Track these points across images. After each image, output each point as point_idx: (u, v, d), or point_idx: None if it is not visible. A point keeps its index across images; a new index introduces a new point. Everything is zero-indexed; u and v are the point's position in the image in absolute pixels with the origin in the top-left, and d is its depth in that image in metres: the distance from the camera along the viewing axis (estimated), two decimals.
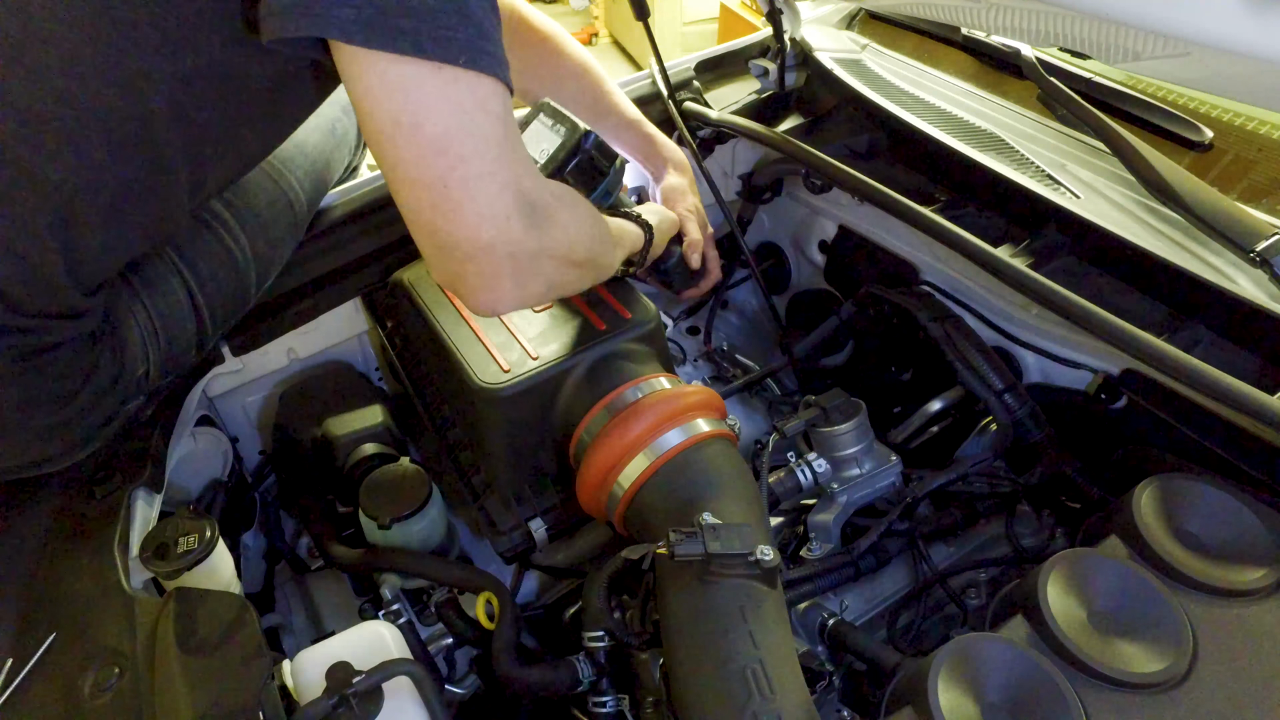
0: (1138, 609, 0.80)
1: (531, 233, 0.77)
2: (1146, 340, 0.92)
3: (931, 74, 1.52)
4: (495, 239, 0.75)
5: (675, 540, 0.81)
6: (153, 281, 0.99)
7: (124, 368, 0.94)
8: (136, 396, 0.98)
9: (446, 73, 0.69)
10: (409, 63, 0.68)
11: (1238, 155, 1.23)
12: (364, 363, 1.46)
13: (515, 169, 0.75)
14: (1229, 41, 0.77)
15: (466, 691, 1.10)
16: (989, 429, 1.17)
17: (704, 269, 1.33)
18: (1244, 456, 0.93)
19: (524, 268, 0.78)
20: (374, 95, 0.69)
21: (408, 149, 0.71)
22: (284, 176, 1.15)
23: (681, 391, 1.01)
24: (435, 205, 0.73)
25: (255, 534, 1.39)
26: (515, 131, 0.76)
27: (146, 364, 0.98)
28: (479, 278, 0.77)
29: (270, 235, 1.12)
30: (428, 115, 0.70)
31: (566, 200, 0.86)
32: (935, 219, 1.12)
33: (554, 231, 0.80)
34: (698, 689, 0.77)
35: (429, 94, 0.69)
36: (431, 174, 0.71)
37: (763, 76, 1.55)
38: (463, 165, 0.71)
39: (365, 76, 0.69)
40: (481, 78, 0.71)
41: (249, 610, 0.82)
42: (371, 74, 0.69)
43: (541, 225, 0.78)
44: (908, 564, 1.13)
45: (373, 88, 0.69)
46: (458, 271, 0.78)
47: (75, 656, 0.83)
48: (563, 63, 1.28)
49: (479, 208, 0.73)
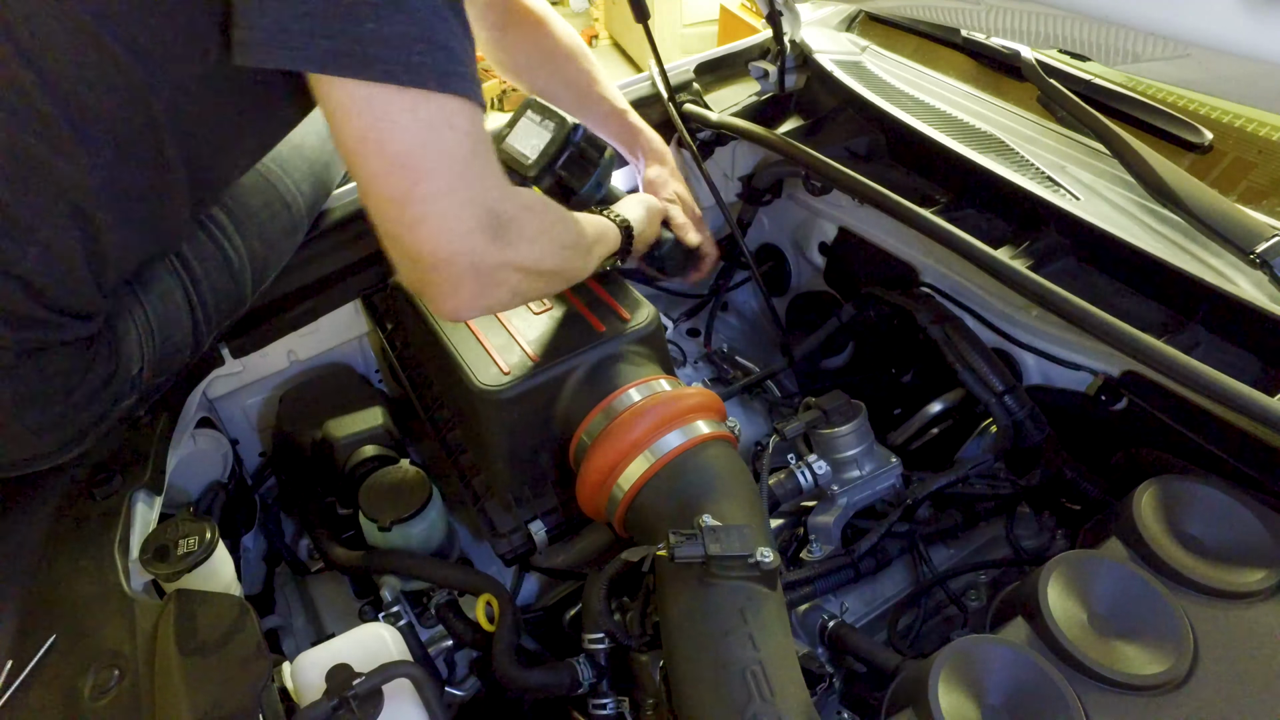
0: (1138, 611, 0.80)
1: (495, 246, 0.79)
2: (1146, 342, 0.92)
3: (931, 76, 1.52)
4: (457, 252, 0.77)
5: (675, 542, 0.81)
6: (150, 281, 0.99)
7: (118, 366, 0.95)
8: (130, 395, 0.99)
9: (414, 95, 0.72)
10: (377, 87, 0.71)
11: (1237, 157, 1.24)
12: (364, 365, 1.46)
13: (481, 184, 0.78)
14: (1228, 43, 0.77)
15: (467, 693, 1.10)
16: (989, 431, 1.17)
17: (699, 252, 1.32)
18: (1244, 458, 0.93)
19: (487, 279, 0.81)
20: (343, 114, 0.73)
21: (374, 165, 0.74)
22: (280, 179, 1.15)
23: (681, 393, 1.01)
24: (399, 219, 0.76)
25: (255, 536, 1.39)
26: (484, 147, 0.79)
27: (141, 363, 0.98)
28: (441, 287, 0.80)
29: (266, 236, 1.13)
30: (393, 134, 0.73)
31: (536, 211, 0.87)
32: (935, 221, 1.12)
33: (520, 244, 0.82)
34: (698, 691, 0.76)
35: (395, 114, 0.72)
36: (397, 189, 0.74)
37: (763, 79, 1.56)
38: (425, 181, 0.74)
39: (335, 96, 0.72)
40: (449, 98, 0.74)
41: (249, 612, 0.82)
42: (342, 94, 0.72)
43: (507, 238, 0.80)
44: (908, 566, 1.13)
45: (342, 106, 0.72)
46: (422, 280, 0.80)
47: (75, 658, 0.83)
48: (554, 46, 1.30)
49: (441, 222, 0.76)
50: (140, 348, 0.98)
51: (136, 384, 0.99)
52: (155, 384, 1.04)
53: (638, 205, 1.18)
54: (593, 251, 1.03)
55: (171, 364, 1.04)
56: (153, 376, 1.01)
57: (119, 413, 0.99)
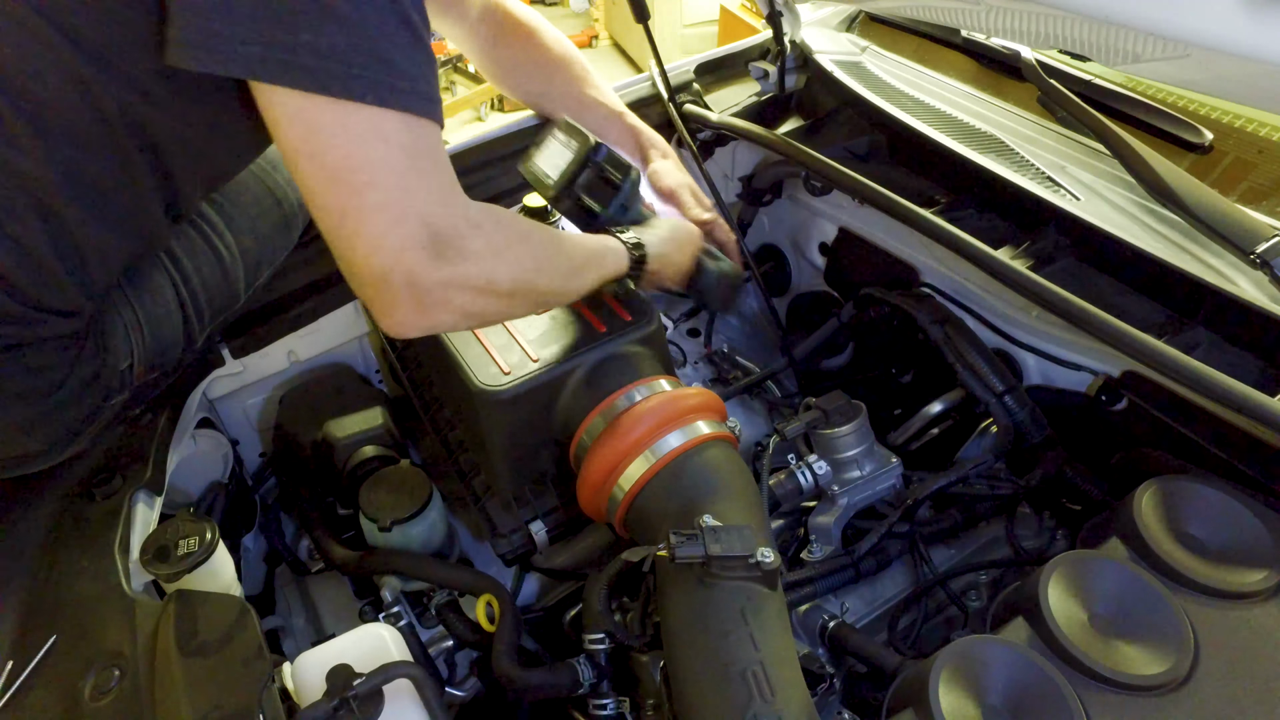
0: (1138, 611, 0.80)
1: (434, 264, 0.77)
2: (1146, 342, 0.92)
3: (931, 76, 1.52)
4: (390, 269, 0.76)
5: (676, 542, 0.81)
6: (138, 277, 0.98)
7: (106, 363, 0.94)
8: (120, 392, 0.98)
9: (346, 107, 0.71)
10: (310, 98, 0.70)
11: (1237, 157, 1.24)
12: (364, 365, 1.46)
13: (419, 200, 0.76)
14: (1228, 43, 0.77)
15: (467, 694, 1.10)
16: (989, 431, 1.17)
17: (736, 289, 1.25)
18: (1244, 458, 0.93)
19: (426, 298, 0.78)
20: (280, 125, 0.72)
21: (310, 176, 0.74)
22: (270, 175, 1.15)
23: (682, 394, 1.01)
24: (336, 231, 0.76)
25: (256, 536, 1.39)
26: (427, 161, 0.77)
27: (130, 359, 0.98)
28: (378, 304, 0.79)
29: (258, 232, 1.12)
30: (326, 146, 0.72)
31: (489, 228, 0.83)
32: (935, 221, 1.12)
33: (465, 263, 0.79)
34: (698, 691, 0.77)
35: (327, 125, 0.72)
36: (333, 202, 0.74)
37: (763, 79, 1.56)
38: (359, 196, 0.73)
39: (273, 107, 0.72)
40: (384, 112, 0.72)
41: (249, 613, 0.82)
42: (277, 104, 0.72)
43: (448, 256, 0.78)
44: (908, 566, 1.13)
45: (279, 118, 0.72)
46: (363, 295, 0.80)
47: (75, 659, 0.83)
48: (546, 55, 1.28)
49: (374, 239, 0.74)
50: (129, 344, 0.97)
51: (127, 381, 0.98)
52: (148, 381, 1.03)
53: (661, 228, 1.13)
54: (582, 273, 0.98)
55: (163, 360, 1.04)
56: (144, 373, 1.01)
57: (110, 410, 0.98)
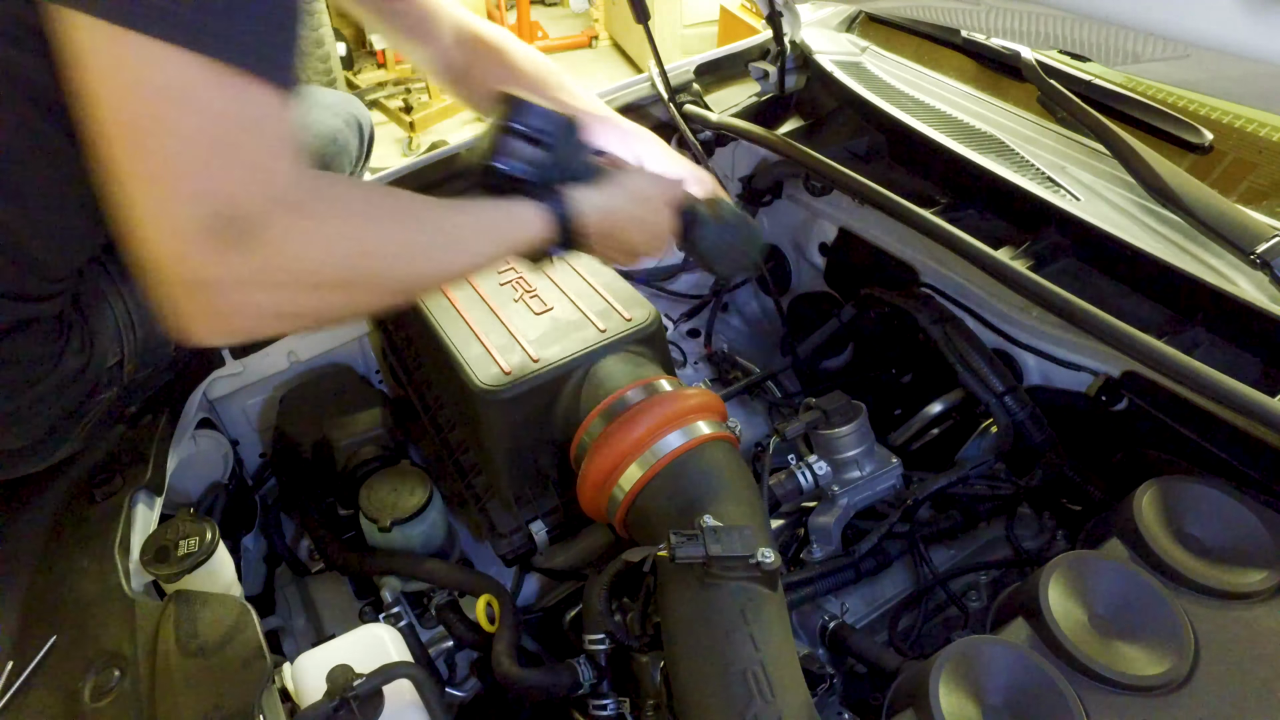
0: (1139, 611, 0.80)
1: (225, 256, 0.60)
2: (1146, 342, 0.92)
3: (931, 76, 1.52)
4: (165, 257, 0.60)
5: (676, 543, 0.81)
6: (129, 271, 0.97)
7: (92, 358, 0.93)
8: (109, 388, 0.96)
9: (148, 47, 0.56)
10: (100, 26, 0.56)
11: (1238, 157, 1.24)
12: (364, 365, 1.46)
13: (216, 174, 0.60)
14: (1228, 43, 0.77)
15: (467, 694, 1.10)
16: (989, 431, 1.17)
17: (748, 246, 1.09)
18: (1244, 458, 0.93)
19: (218, 300, 0.62)
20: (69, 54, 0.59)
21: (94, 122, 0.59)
22: None
23: (682, 394, 1.01)
24: (116, 203, 0.61)
25: (256, 537, 1.39)
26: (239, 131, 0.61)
27: (120, 354, 0.96)
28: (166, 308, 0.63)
29: None
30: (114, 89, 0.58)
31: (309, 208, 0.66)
32: (935, 221, 1.12)
33: (267, 253, 0.62)
34: (698, 691, 0.76)
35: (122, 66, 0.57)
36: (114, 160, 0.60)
37: (763, 79, 1.56)
38: (143, 160, 0.59)
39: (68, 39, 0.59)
40: (199, 60, 0.57)
41: (249, 613, 0.82)
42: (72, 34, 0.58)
43: (245, 245, 0.61)
44: (908, 566, 1.13)
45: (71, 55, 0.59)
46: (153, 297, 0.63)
47: (76, 659, 0.83)
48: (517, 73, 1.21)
49: (151, 218, 0.60)
50: (119, 340, 0.96)
51: (116, 377, 0.97)
52: (141, 378, 1.02)
53: (622, 183, 0.94)
54: (464, 246, 0.80)
55: (155, 357, 1.02)
56: (136, 370, 1.00)
57: (99, 406, 0.97)
